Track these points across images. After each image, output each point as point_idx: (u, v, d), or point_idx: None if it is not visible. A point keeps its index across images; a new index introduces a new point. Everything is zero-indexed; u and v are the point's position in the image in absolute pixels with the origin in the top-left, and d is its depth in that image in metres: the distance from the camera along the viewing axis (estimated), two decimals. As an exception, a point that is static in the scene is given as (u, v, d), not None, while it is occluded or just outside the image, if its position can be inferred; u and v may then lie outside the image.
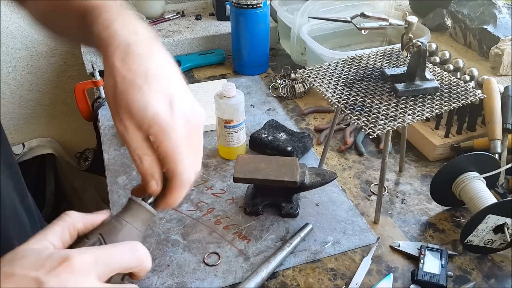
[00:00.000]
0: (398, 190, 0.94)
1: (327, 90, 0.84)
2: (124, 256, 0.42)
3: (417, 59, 0.82)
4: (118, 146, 1.06)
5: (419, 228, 0.85)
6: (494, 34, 1.25)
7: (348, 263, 0.79)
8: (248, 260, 0.79)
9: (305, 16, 1.27)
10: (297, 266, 0.78)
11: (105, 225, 0.46)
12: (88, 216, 0.46)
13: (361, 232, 0.84)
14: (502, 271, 0.77)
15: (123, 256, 0.42)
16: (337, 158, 1.03)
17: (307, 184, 0.84)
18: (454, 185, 0.85)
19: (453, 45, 1.38)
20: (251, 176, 0.83)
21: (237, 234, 0.84)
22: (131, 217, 0.47)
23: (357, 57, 0.95)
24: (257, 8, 1.24)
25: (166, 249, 0.81)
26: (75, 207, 1.80)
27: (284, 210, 0.86)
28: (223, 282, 0.75)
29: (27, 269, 0.37)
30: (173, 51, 1.41)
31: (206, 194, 0.93)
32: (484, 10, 1.31)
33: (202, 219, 0.87)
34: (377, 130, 0.75)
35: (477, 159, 0.84)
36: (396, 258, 0.79)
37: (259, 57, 1.34)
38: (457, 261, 0.79)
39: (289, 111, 1.19)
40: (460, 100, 0.82)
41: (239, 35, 1.30)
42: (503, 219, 0.75)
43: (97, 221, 0.46)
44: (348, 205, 0.90)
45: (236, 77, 1.35)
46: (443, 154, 1.00)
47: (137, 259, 0.43)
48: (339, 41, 1.35)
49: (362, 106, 0.80)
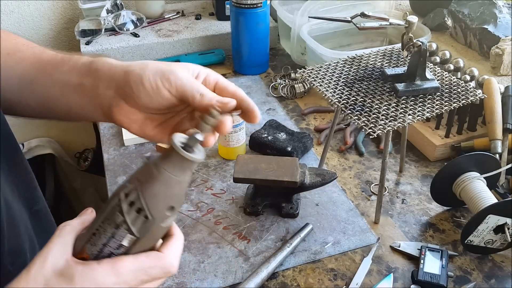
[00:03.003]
0: (398, 190, 0.94)
1: (327, 90, 0.84)
2: (155, 274, 0.43)
3: (417, 59, 0.82)
4: (118, 146, 1.06)
5: (420, 228, 0.85)
6: (494, 34, 1.24)
7: (348, 264, 0.78)
8: (248, 260, 0.79)
9: (305, 15, 1.26)
10: (297, 267, 0.78)
11: (143, 170, 0.42)
12: (81, 217, 0.45)
13: (361, 232, 0.84)
14: (502, 271, 0.77)
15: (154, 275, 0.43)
16: (337, 158, 1.03)
17: (307, 184, 0.83)
18: (454, 185, 0.85)
19: (454, 45, 1.38)
20: (251, 176, 0.83)
21: (237, 234, 0.84)
22: (170, 162, 0.42)
23: (357, 57, 0.95)
24: (257, 7, 1.24)
25: (166, 249, 0.81)
26: (74, 207, 1.79)
27: (284, 210, 0.86)
28: (223, 282, 0.75)
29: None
30: (173, 51, 1.41)
31: (206, 194, 0.93)
32: (485, 10, 1.31)
33: (202, 219, 0.87)
34: (377, 130, 0.75)
35: (478, 159, 0.83)
36: (396, 259, 0.79)
37: (259, 57, 1.34)
38: (457, 261, 0.79)
39: (289, 111, 1.19)
40: (461, 100, 0.82)
41: (239, 35, 1.29)
42: (503, 219, 0.75)
43: (89, 218, 0.46)
44: (348, 205, 0.90)
45: (236, 77, 1.35)
46: (444, 154, 1.00)
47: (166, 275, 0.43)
48: (339, 41, 1.35)
49: (362, 106, 0.80)
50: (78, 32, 1.38)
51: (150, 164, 0.42)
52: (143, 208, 0.41)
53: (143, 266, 0.42)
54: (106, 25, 1.40)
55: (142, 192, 0.41)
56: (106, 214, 0.42)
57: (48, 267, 0.40)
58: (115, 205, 0.41)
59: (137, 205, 0.41)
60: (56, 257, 0.41)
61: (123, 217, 0.41)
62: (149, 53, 1.38)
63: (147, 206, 0.41)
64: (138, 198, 0.41)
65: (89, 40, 1.36)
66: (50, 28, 1.61)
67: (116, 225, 0.41)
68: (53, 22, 1.61)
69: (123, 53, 1.36)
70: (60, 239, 0.42)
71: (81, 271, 0.40)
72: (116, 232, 0.41)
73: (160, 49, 1.39)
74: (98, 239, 0.42)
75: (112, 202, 0.42)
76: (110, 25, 1.40)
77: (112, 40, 1.37)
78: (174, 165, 0.41)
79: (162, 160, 0.42)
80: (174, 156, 0.41)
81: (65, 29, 1.63)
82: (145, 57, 1.38)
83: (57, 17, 1.60)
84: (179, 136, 0.42)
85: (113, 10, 1.42)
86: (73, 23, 1.55)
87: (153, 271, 0.42)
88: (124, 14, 1.42)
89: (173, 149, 0.41)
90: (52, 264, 0.40)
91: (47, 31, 1.61)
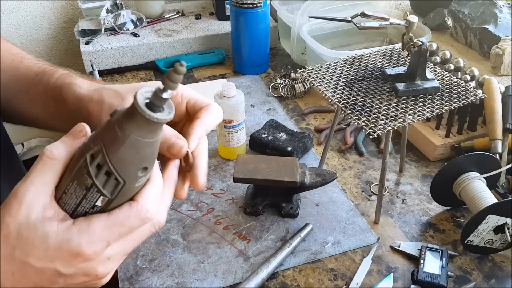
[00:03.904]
0: (398, 190, 0.94)
1: (327, 90, 0.84)
2: (131, 224, 0.41)
3: (417, 58, 0.82)
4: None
5: (420, 228, 0.85)
6: (494, 33, 1.24)
7: (348, 264, 0.78)
8: (248, 260, 0.79)
9: (305, 15, 1.26)
10: (297, 267, 0.78)
11: (107, 131, 0.38)
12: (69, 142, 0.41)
13: (361, 232, 0.84)
14: (502, 271, 0.77)
15: (131, 225, 0.41)
16: (338, 158, 1.03)
17: (307, 184, 0.83)
18: (454, 185, 0.84)
19: (454, 44, 1.38)
20: (251, 176, 0.83)
21: (237, 234, 0.84)
22: (136, 124, 0.37)
23: (357, 57, 0.94)
24: (257, 7, 1.24)
25: (166, 249, 0.81)
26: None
27: (284, 210, 0.86)
28: (223, 282, 0.75)
29: (43, 260, 0.38)
30: (173, 50, 1.41)
31: (206, 194, 0.93)
32: (485, 10, 1.31)
33: (202, 219, 0.87)
34: (378, 130, 0.75)
35: (478, 159, 0.83)
36: (396, 259, 0.79)
37: (259, 56, 1.34)
38: (457, 261, 0.78)
39: (289, 111, 1.19)
40: (461, 100, 0.82)
41: (239, 35, 1.29)
42: (503, 219, 0.75)
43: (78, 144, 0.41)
44: (348, 205, 0.90)
45: (236, 77, 1.35)
46: (444, 154, 1.00)
47: (143, 221, 0.42)
48: (339, 41, 1.35)
49: (362, 106, 0.80)
50: (77, 32, 1.38)
51: (114, 123, 0.38)
52: (112, 172, 0.38)
53: (117, 219, 0.40)
54: (106, 25, 1.40)
55: (109, 156, 0.38)
56: (74, 175, 0.39)
57: (22, 213, 0.38)
58: (82, 166, 0.38)
59: (105, 168, 0.38)
60: (33, 200, 0.39)
61: (92, 180, 0.38)
62: (149, 53, 1.38)
63: (116, 170, 0.38)
64: (105, 162, 0.38)
65: (89, 40, 1.36)
66: (50, 28, 1.61)
67: (86, 187, 0.39)
68: (52, 22, 1.61)
69: (123, 53, 1.36)
70: (41, 177, 0.39)
71: (56, 232, 0.38)
72: (87, 193, 0.39)
73: (160, 49, 1.39)
74: (69, 198, 0.40)
75: (78, 162, 0.39)
76: (110, 25, 1.40)
77: (112, 40, 1.37)
78: (141, 127, 0.37)
79: (127, 120, 0.37)
80: (139, 117, 0.37)
81: (65, 29, 1.63)
82: (145, 57, 1.38)
83: (57, 17, 1.60)
84: (144, 92, 0.37)
85: (113, 10, 1.42)
86: (73, 23, 1.55)
87: (128, 222, 0.41)
88: (124, 14, 1.42)
89: (136, 108, 0.36)
90: (27, 210, 0.38)
91: (47, 31, 1.61)
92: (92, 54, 1.34)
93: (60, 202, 0.41)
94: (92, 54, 1.34)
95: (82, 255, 0.39)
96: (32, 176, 0.39)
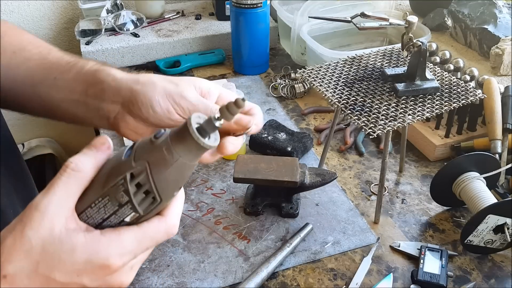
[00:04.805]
0: (398, 190, 0.94)
1: (327, 90, 0.84)
2: (159, 238, 0.41)
3: (417, 59, 0.82)
4: (118, 146, 1.06)
5: (419, 228, 0.85)
6: (494, 34, 1.24)
7: (348, 263, 0.78)
8: (248, 260, 0.79)
9: (305, 15, 1.26)
10: (297, 266, 0.78)
11: (153, 152, 0.38)
12: (93, 155, 0.40)
13: (361, 232, 0.84)
14: (502, 271, 0.77)
15: (159, 239, 0.41)
16: (337, 158, 1.03)
17: (307, 184, 0.84)
18: (454, 185, 0.85)
19: (454, 45, 1.38)
20: (251, 176, 0.83)
21: (237, 234, 0.84)
22: (185, 149, 0.38)
23: (357, 57, 0.95)
24: (257, 7, 1.24)
25: (166, 249, 0.81)
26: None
27: (284, 210, 0.86)
28: (223, 282, 0.75)
29: (69, 274, 0.37)
30: (173, 51, 1.41)
31: (206, 194, 0.93)
32: (485, 10, 1.31)
33: (202, 219, 0.87)
34: (377, 130, 0.75)
35: (478, 159, 0.84)
36: (396, 258, 0.79)
37: (259, 57, 1.34)
38: (457, 261, 0.79)
39: (289, 111, 1.19)
40: (461, 100, 0.82)
41: (239, 35, 1.29)
42: (503, 219, 0.75)
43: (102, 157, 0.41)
44: (348, 205, 0.90)
45: (236, 77, 1.35)
46: (444, 154, 1.00)
47: (169, 236, 0.42)
48: (339, 41, 1.35)
49: (362, 106, 0.80)
50: (78, 32, 1.38)
51: (162, 146, 0.38)
52: (152, 191, 0.39)
53: (147, 233, 0.40)
54: (106, 25, 1.40)
55: (153, 177, 0.38)
56: (107, 191, 0.39)
57: (46, 226, 0.36)
58: (119, 184, 0.38)
59: (145, 188, 0.38)
60: (56, 212, 0.37)
61: (129, 198, 0.38)
62: (149, 53, 1.39)
63: (157, 190, 0.39)
64: (148, 181, 0.38)
65: (89, 40, 1.36)
66: (50, 28, 1.61)
67: (120, 204, 0.39)
68: (53, 22, 1.61)
69: (123, 53, 1.36)
70: (65, 189, 0.38)
71: (84, 243, 0.37)
72: (119, 210, 0.39)
73: (160, 49, 1.39)
74: (96, 213, 0.40)
75: (114, 179, 0.39)
76: (110, 25, 1.40)
77: (112, 40, 1.37)
78: (189, 151, 0.38)
79: (176, 144, 0.38)
80: (189, 141, 0.38)
81: (65, 29, 1.63)
82: (145, 57, 1.38)
83: (57, 17, 1.60)
84: (196, 117, 0.38)
85: (113, 10, 1.42)
86: (73, 23, 1.55)
87: (157, 236, 0.41)
88: (124, 14, 1.42)
89: (189, 133, 0.37)
90: (50, 223, 0.37)
91: (47, 31, 1.61)
92: (93, 54, 1.34)
93: (83, 215, 0.40)
94: (93, 54, 1.34)
95: (111, 268, 0.38)
96: (55, 188, 0.38)
